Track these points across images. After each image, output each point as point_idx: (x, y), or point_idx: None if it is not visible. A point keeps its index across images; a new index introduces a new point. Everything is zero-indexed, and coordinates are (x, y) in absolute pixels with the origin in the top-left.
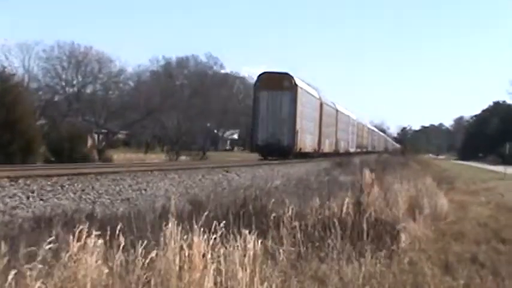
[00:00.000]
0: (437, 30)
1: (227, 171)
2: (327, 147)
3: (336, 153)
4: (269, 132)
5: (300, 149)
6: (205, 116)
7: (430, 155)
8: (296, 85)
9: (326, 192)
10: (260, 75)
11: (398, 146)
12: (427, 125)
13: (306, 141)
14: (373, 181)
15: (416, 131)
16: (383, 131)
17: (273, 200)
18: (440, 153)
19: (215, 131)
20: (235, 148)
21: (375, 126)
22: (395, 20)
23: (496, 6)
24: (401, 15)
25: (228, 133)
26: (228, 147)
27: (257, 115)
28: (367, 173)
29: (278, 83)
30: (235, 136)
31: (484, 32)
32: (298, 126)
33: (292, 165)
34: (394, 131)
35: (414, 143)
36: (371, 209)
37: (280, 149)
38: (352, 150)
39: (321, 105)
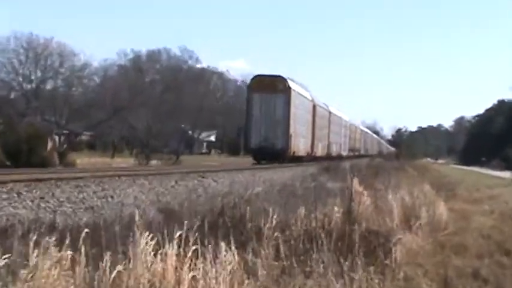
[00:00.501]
0: (434, 28)
1: (203, 177)
2: (319, 151)
3: (328, 157)
4: (262, 135)
5: (294, 152)
6: (178, 115)
7: (428, 159)
8: (289, 88)
9: (312, 201)
10: (253, 78)
11: (392, 149)
12: (424, 125)
13: (300, 144)
14: (365, 188)
15: (412, 133)
16: (376, 132)
17: (253, 208)
18: (440, 157)
19: (190, 132)
20: (213, 151)
21: (367, 127)
22: (387, 16)
23: (495, 4)
24: (393, 11)
25: (204, 134)
26: (204, 151)
27: (250, 118)
28: (357, 179)
29: (271, 86)
30: (212, 138)
31: (484, 29)
32: (291, 130)
33: (275, 171)
34: (388, 132)
35: (410, 145)
36: (362, 219)
37: (274, 153)
38: (344, 153)
39: (314, 107)
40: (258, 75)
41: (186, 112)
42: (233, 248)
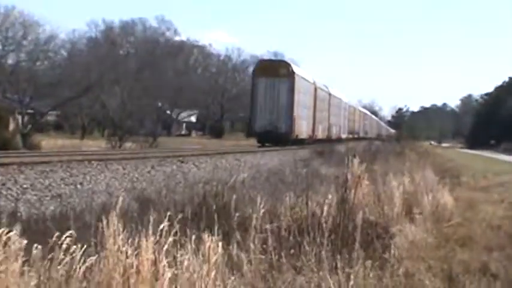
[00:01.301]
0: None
1: (182, 162)
2: (320, 133)
3: (328, 140)
4: (267, 119)
5: (297, 136)
6: (155, 93)
7: (432, 142)
8: (293, 72)
9: (304, 188)
10: (258, 62)
11: (392, 131)
12: (427, 105)
13: (302, 127)
14: (362, 174)
15: (414, 113)
16: (374, 113)
17: (238, 197)
18: (444, 140)
19: (168, 111)
20: (193, 133)
21: (364, 107)
22: None
23: None
24: None
25: (183, 115)
26: (183, 132)
27: (255, 102)
28: (354, 164)
29: (276, 71)
30: (193, 118)
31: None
32: (295, 114)
33: (262, 155)
34: (387, 112)
35: (412, 127)
36: (359, 208)
37: (278, 136)
38: (344, 136)
39: (315, 89)
40: (263, 60)
41: (163, 90)
42: (217, 239)
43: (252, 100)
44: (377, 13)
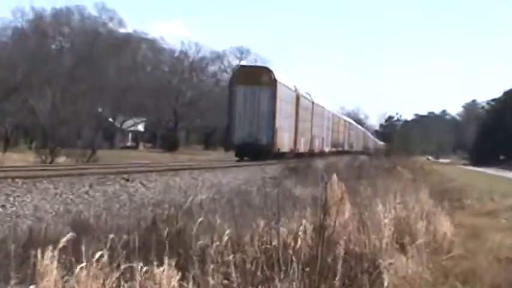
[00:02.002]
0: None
1: (128, 180)
2: (302, 147)
3: (310, 153)
4: (246, 130)
5: (279, 149)
6: (95, 96)
7: (429, 157)
8: (275, 80)
9: (274, 212)
10: (237, 68)
11: (381, 143)
12: (423, 113)
13: (284, 140)
14: (344, 196)
15: (407, 122)
16: (359, 122)
17: (195, 222)
18: (443, 154)
19: (110, 119)
20: (141, 145)
21: (348, 115)
22: None
23: None
24: None
25: (129, 123)
26: (129, 144)
27: (233, 112)
28: (335, 183)
29: (256, 78)
30: (141, 127)
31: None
32: (277, 125)
33: (224, 172)
34: (375, 121)
35: (405, 139)
36: (340, 237)
37: (258, 149)
38: (327, 149)
39: (298, 98)
40: (242, 66)
41: (105, 92)
42: (167, 272)
43: (230, 109)
44: (361, 9)
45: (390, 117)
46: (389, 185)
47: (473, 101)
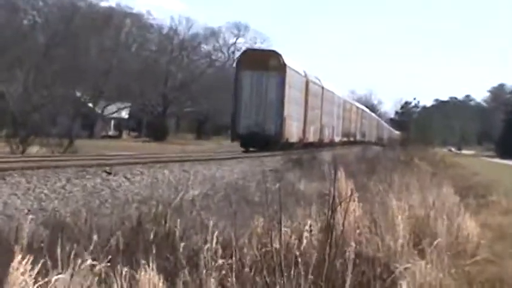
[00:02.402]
0: None
1: (110, 173)
2: (311, 136)
3: (319, 144)
4: (253, 119)
5: (287, 139)
6: (73, 79)
7: (452, 148)
8: (285, 65)
9: (275, 210)
10: (243, 52)
11: (396, 133)
12: (444, 98)
13: (292, 129)
14: (354, 192)
15: (426, 109)
16: (372, 108)
17: (186, 221)
18: (467, 145)
19: (90, 104)
20: (125, 133)
21: (359, 101)
22: None
23: None
24: None
25: (111, 108)
26: (112, 133)
27: (239, 99)
28: (343, 177)
29: (264, 63)
30: (124, 114)
31: None
32: (285, 113)
33: (219, 164)
34: (389, 108)
35: (423, 128)
36: (350, 239)
37: (265, 139)
38: (337, 139)
39: (307, 84)
40: (249, 49)
41: (84, 74)
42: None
43: (235, 96)
44: None
45: (407, 103)
46: (406, 179)
47: (501, 85)
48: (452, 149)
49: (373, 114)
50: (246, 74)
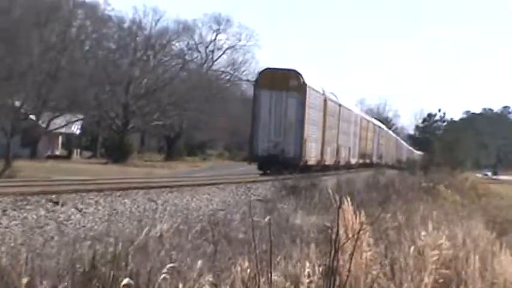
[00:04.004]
0: None
1: (57, 203)
2: (328, 158)
3: (336, 166)
4: (272, 140)
5: (306, 161)
6: (10, 84)
7: (488, 173)
8: (305, 84)
9: (265, 250)
10: (261, 71)
11: (418, 153)
12: (476, 110)
13: (312, 151)
14: (363, 227)
15: (454, 123)
16: (386, 122)
17: (152, 263)
18: (505, 168)
19: (32, 116)
20: (76, 153)
21: (371, 113)
22: None
23: None
24: None
25: (59, 122)
26: (59, 152)
27: (257, 120)
28: (349, 209)
29: (283, 82)
30: (75, 129)
31: None
32: (305, 134)
33: (195, 192)
34: (408, 122)
35: (451, 146)
36: (359, 286)
37: (284, 162)
38: (353, 161)
39: (325, 102)
40: (268, 69)
41: (24, 79)
42: None
43: (254, 117)
44: None
45: (430, 116)
46: (428, 211)
47: None
48: (489, 174)
49: (390, 131)
50: (265, 93)
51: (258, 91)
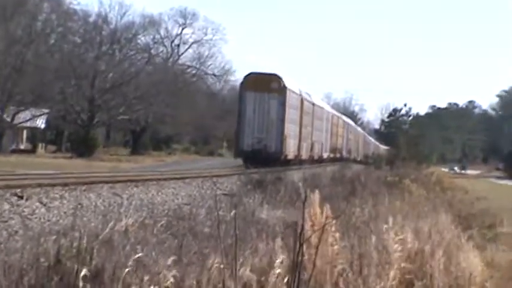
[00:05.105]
0: None
1: (21, 197)
2: (304, 153)
3: (311, 160)
4: (255, 137)
5: (286, 156)
6: None
7: (456, 168)
8: (285, 87)
9: (230, 244)
10: (246, 75)
11: (383, 148)
12: (442, 105)
13: (290, 146)
14: (330, 221)
15: (419, 117)
16: (352, 117)
17: (118, 258)
18: (471, 164)
19: None
20: (41, 147)
21: (337, 107)
22: None
23: None
24: None
25: (23, 116)
26: (23, 146)
27: (243, 118)
28: (317, 202)
29: (266, 85)
30: (40, 123)
31: None
32: (286, 131)
33: (160, 187)
34: (374, 116)
35: (416, 141)
36: (325, 280)
37: (267, 156)
38: (325, 155)
39: (302, 102)
40: (252, 73)
41: None
42: None
43: (239, 116)
44: None
45: (395, 111)
46: (394, 205)
47: None
48: (456, 169)
49: (358, 127)
50: (250, 95)
51: (243, 93)
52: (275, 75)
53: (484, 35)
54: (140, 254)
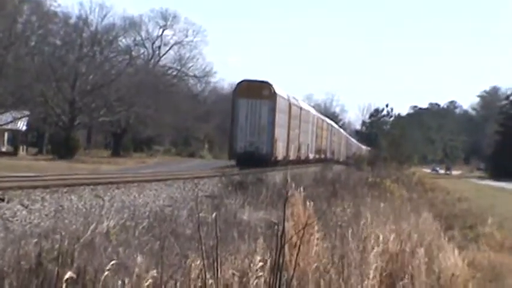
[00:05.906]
0: None
1: (2, 199)
2: (292, 154)
3: (298, 161)
4: (248, 140)
5: (276, 157)
6: None
7: (438, 169)
8: (275, 93)
9: (213, 245)
10: (239, 82)
11: (364, 148)
12: (423, 105)
13: (280, 148)
14: (310, 220)
15: (401, 118)
16: (334, 118)
17: (99, 260)
18: (452, 164)
19: None
20: (22, 150)
21: (318, 108)
22: None
23: None
24: None
25: (4, 118)
26: (4, 149)
27: (236, 123)
28: (298, 203)
29: (258, 92)
30: (21, 125)
31: None
32: (276, 135)
33: (142, 188)
34: (355, 117)
35: (397, 142)
36: (305, 281)
37: (259, 157)
38: (311, 156)
39: (290, 107)
40: (244, 80)
41: None
42: None
43: (233, 120)
44: None
45: (377, 111)
46: (376, 205)
47: (494, 88)
48: (438, 169)
49: (341, 129)
50: (242, 101)
51: (236, 99)
52: (266, 82)
53: (465, 35)
54: (118, 261)
